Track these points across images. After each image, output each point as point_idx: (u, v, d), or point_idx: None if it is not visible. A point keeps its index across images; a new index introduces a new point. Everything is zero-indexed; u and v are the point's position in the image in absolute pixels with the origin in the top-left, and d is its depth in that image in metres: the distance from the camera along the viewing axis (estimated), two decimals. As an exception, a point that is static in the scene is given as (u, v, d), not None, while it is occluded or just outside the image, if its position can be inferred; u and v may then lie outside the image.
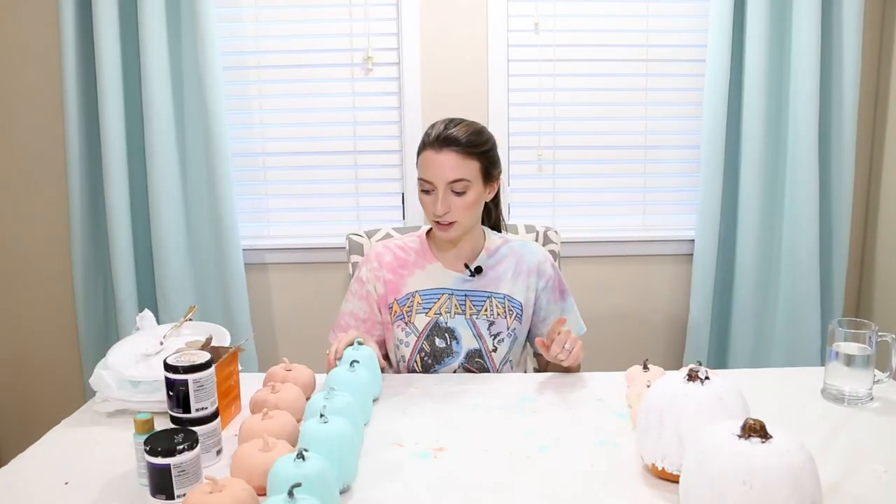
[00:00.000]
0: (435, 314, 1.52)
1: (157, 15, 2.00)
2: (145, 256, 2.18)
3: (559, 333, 1.38)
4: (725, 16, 2.02)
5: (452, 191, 1.43)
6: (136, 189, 2.13)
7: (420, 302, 1.53)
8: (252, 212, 2.28)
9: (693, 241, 2.21)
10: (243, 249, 2.19)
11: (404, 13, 2.15)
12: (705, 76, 2.09)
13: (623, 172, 2.28)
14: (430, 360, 1.52)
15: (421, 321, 1.52)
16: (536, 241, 1.78)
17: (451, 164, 1.42)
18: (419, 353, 1.52)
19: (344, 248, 1.81)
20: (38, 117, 2.19)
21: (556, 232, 1.83)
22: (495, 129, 2.19)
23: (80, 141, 2.09)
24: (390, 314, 1.55)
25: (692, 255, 2.21)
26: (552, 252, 1.78)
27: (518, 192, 2.28)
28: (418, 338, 1.52)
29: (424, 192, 1.46)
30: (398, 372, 1.56)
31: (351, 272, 1.76)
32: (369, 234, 1.81)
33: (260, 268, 2.28)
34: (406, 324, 1.53)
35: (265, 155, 2.26)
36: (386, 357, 1.60)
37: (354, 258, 1.77)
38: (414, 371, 1.53)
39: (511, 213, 2.27)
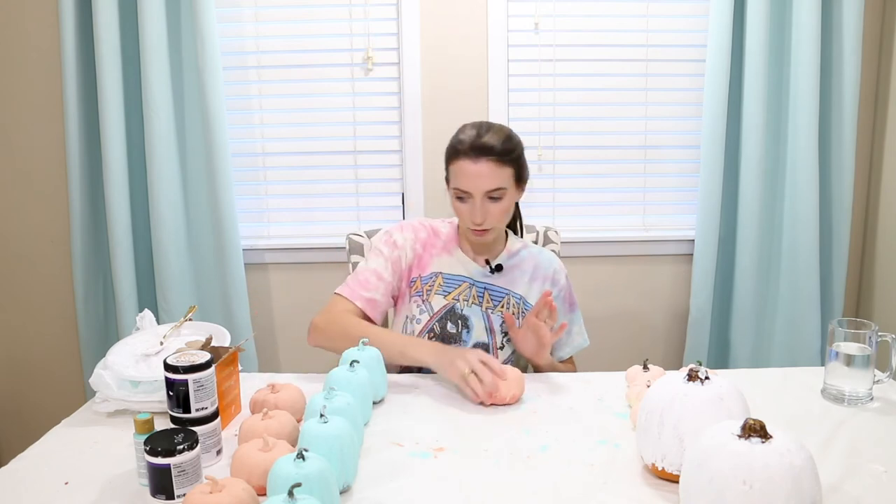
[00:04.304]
0: (453, 299, 1.53)
1: (157, 15, 2.00)
2: (145, 256, 2.18)
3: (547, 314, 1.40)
4: (725, 16, 2.02)
5: (489, 198, 1.44)
6: (136, 189, 2.13)
7: (441, 284, 1.54)
8: (252, 212, 2.28)
9: (693, 240, 2.21)
10: (243, 249, 2.19)
11: (404, 13, 2.15)
12: (705, 76, 2.09)
13: (623, 172, 2.28)
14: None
15: (438, 302, 1.53)
16: (536, 241, 1.78)
17: (488, 174, 1.42)
18: (428, 332, 1.53)
19: (344, 248, 1.81)
20: (38, 117, 2.19)
21: (556, 232, 1.83)
22: (495, 129, 2.20)
23: (80, 141, 2.09)
24: (410, 288, 1.56)
25: (692, 254, 2.21)
26: (553, 252, 1.78)
27: (518, 192, 2.28)
28: (431, 318, 1.53)
29: (459, 199, 1.46)
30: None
31: (351, 272, 1.76)
32: (369, 234, 1.81)
33: (260, 268, 2.28)
34: (423, 301, 1.54)
35: (265, 155, 2.26)
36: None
37: (354, 258, 1.77)
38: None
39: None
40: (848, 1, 2.02)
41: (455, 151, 1.45)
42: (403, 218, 2.28)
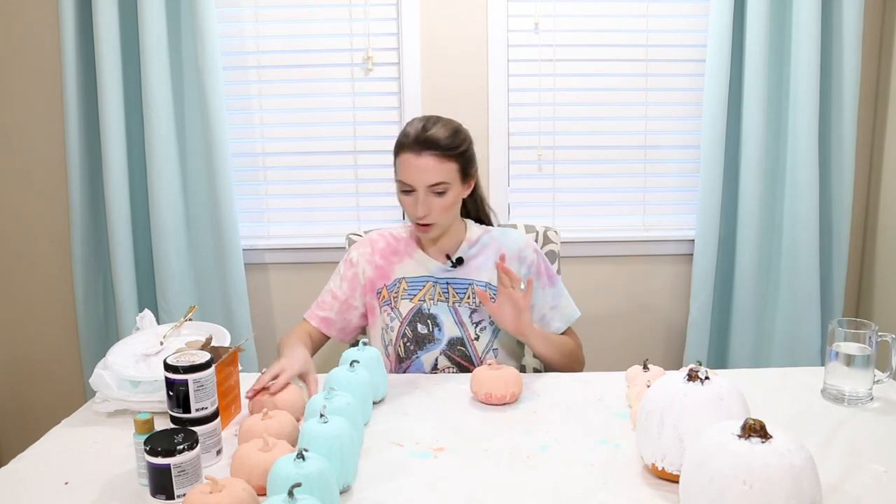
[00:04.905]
0: (419, 301, 1.54)
1: (157, 15, 2.00)
2: (145, 256, 2.18)
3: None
4: (725, 16, 2.02)
5: (433, 192, 1.45)
6: (136, 189, 2.13)
7: (406, 288, 1.55)
8: (252, 212, 2.28)
9: (693, 241, 2.21)
10: (243, 249, 2.19)
11: (404, 13, 2.15)
12: (705, 76, 2.09)
13: (623, 172, 2.28)
14: (413, 346, 1.54)
15: (405, 307, 1.55)
16: (536, 241, 1.78)
17: (431, 168, 1.43)
18: (402, 338, 1.54)
19: (344, 248, 1.81)
20: (38, 117, 2.19)
21: (556, 232, 1.83)
22: (495, 129, 2.20)
23: (80, 141, 2.09)
24: (378, 299, 1.58)
25: (692, 255, 2.21)
26: (552, 252, 1.78)
27: (518, 192, 2.28)
28: (401, 323, 1.54)
29: (404, 192, 1.48)
30: (386, 356, 1.58)
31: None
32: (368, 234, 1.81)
33: (260, 268, 2.28)
34: (392, 309, 1.56)
35: (265, 155, 2.26)
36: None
37: (354, 258, 1.77)
38: (398, 355, 1.55)
39: (511, 213, 2.28)
40: (848, 1, 2.02)
41: (400, 144, 1.47)
42: (403, 218, 2.28)
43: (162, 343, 1.33)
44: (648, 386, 1.21)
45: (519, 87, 2.22)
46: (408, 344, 1.54)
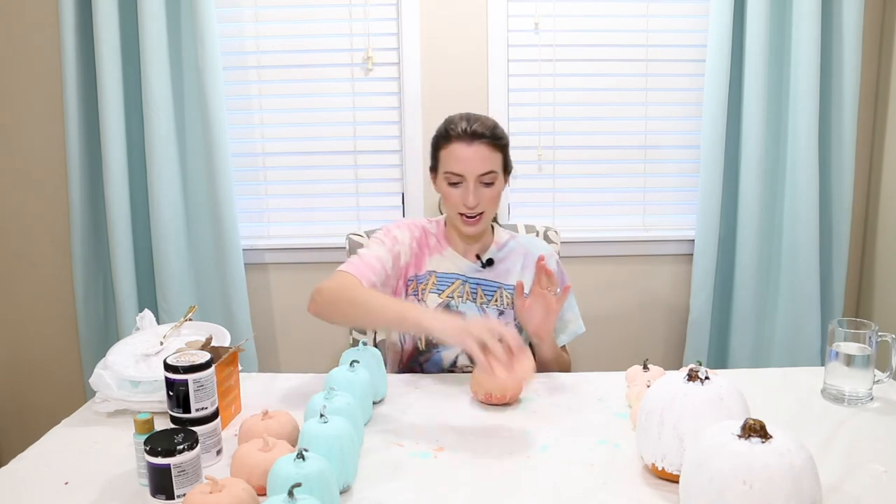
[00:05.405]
0: (447, 297, 1.54)
1: (157, 15, 2.00)
2: (145, 256, 2.18)
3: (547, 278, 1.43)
4: (725, 16, 2.02)
5: (482, 183, 1.46)
6: (136, 189, 2.13)
7: (435, 282, 1.55)
8: (252, 212, 2.28)
9: (693, 240, 2.21)
10: (243, 249, 2.19)
11: (404, 13, 2.15)
12: (705, 76, 2.09)
13: (623, 172, 2.28)
14: (436, 341, 1.53)
15: (433, 300, 1.54)
16: (536, 240, 1.78)
17: (483, 157, 1.45)
18: None
19: (344, 248, 1.81)
20: (38, 117, 2.19)
21: (556, 232, 1.83)
22: (495, 129, 2.20)
23: (80, 141, 2.09)
24: (407, 287, 1.56)
25: (692, 254, 2.21)
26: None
27: (518, 192, 2.28)
28: None
29: (452, 185, 1.47)
30: (400, 343, 1.58)
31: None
32: (369, 234, 1.80)
33: (260, 268, 2.28)
34: (418, 300, 1.55)
35: (265, 155, 2.26)
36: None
37: (354, 258, 1.77)
38: (417, 348, 1.55)
39: (511, 213, 2.28)
40: (848, 1, 2.02)
41: (447, 136, 1.48)
42: (403, 217, 2.28)
43: (162, 343, 1.33)
44: (648, 386, 1.21)
45: (519, 87, 2.21)
46: (430, 338, 1.53)
